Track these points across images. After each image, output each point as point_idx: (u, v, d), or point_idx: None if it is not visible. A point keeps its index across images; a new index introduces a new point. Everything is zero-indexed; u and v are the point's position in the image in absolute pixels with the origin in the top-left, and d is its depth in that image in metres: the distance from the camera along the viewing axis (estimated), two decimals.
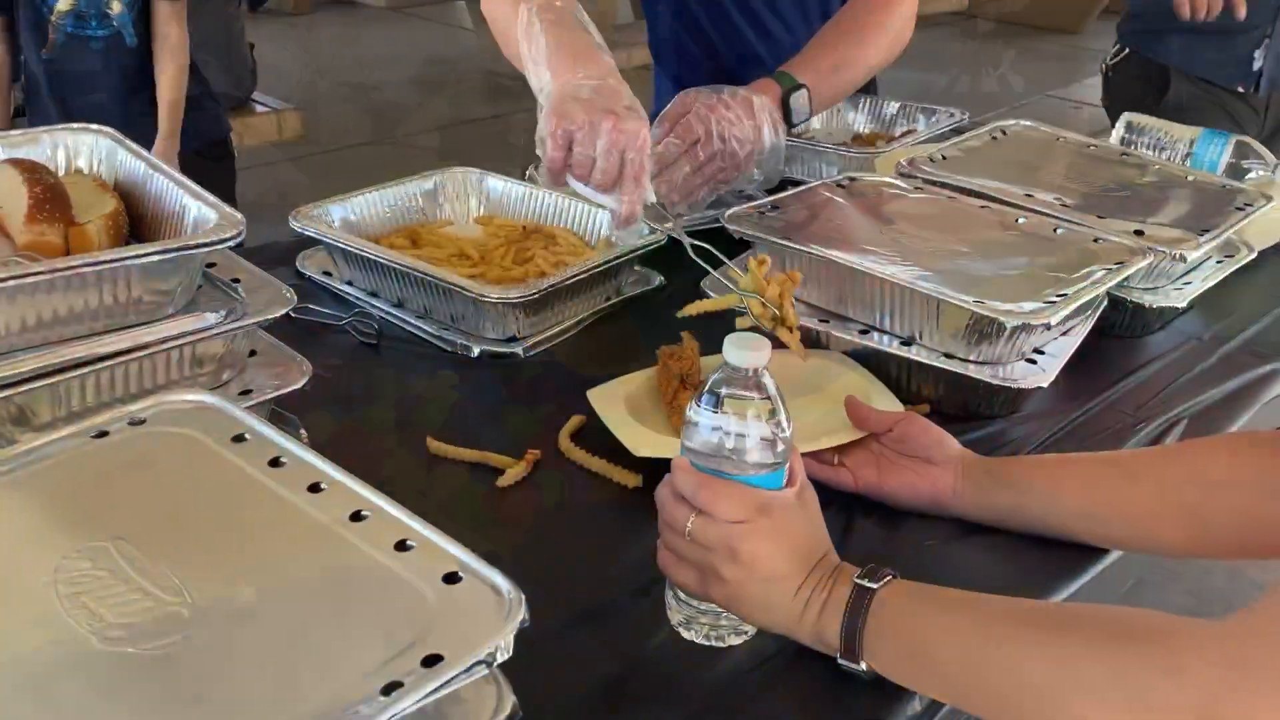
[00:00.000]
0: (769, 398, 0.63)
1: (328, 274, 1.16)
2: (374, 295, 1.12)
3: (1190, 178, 1.25)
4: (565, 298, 1.07)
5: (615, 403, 0.90)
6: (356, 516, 0.60)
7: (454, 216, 1.28)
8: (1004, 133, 1.33)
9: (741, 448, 0.64)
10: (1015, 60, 6.09)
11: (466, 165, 1.30)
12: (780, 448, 0.65)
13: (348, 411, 0.94)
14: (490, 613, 0.54)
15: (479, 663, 0.51)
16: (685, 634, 0.70)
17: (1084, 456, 0.84)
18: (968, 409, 0.96)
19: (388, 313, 1.08)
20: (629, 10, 5.25)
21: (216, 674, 0.50)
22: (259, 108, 3.36)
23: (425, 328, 1.05)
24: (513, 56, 1.10)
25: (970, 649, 0.59)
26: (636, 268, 1.17)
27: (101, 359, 0.74)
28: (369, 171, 0.86)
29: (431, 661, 0.50)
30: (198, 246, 0.76)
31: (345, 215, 1.18)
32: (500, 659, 0.52)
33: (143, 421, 0.67)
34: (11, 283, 0.70)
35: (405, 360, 1.03)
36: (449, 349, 1.04)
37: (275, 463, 0.64)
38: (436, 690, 0.49)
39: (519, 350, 1.03)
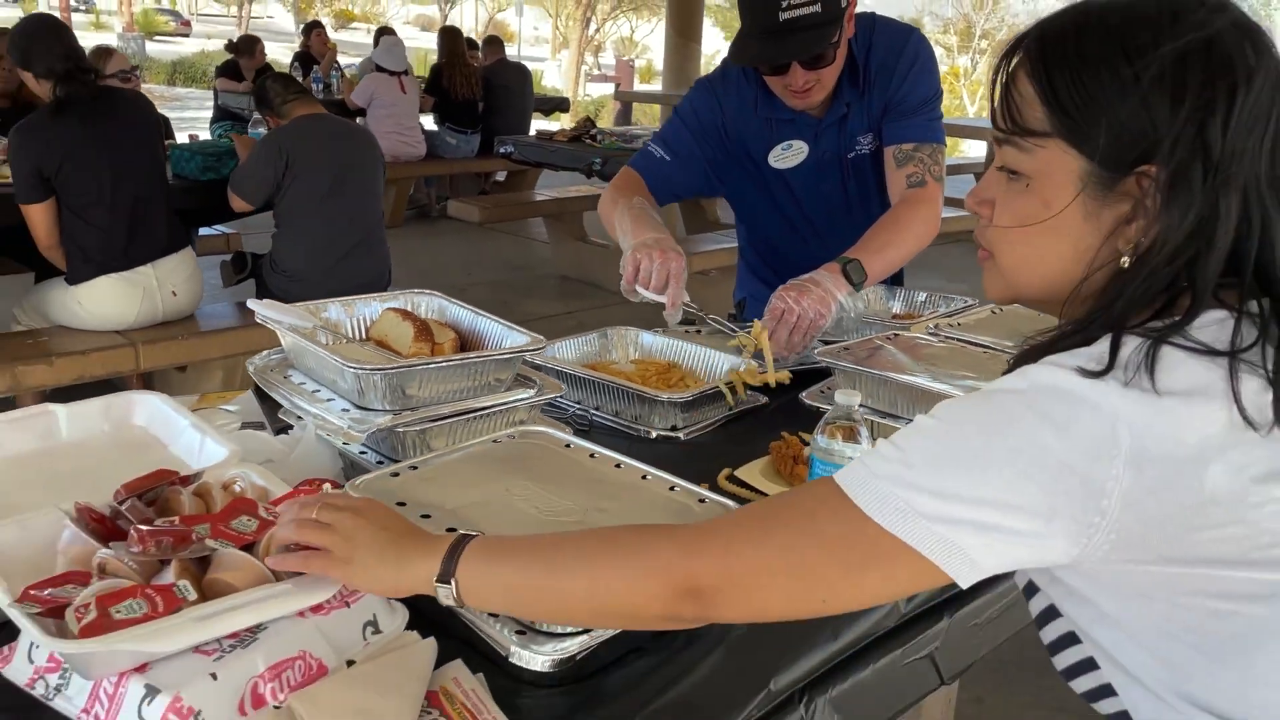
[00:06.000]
0: (855, 426, 1.18)
1: None
2: (578, 403, 1.68)
3: None
4: (703, 404, 1.62)
5: (754, 475, 1.43)
6: (644, 477, 1.15)
7: (617, 358, 1.86)
8: (1000, 309, 1.91)
9: (843, 453, 1.18)
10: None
11: None
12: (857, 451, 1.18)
13: None
14: (692, 516, 1.07)
15: None
16: None
17: None
18: None
19: (592, 412, 1.64)
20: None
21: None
22: None
23: (620, 421, 1.61)
24: (611, 231, 1.88)
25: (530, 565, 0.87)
26: (749, 392, 1.73)
27: (474, 411, 1.31)
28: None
29: None
30: (526, 350, 1.34)
31: (552, 354, 1.76)
32: None
33: (512, 437, 1.23)
34: (438, 365, 1.27)
35: (607, 441, 1.57)
36: (634, 434, 1.59)
37: (591, 455, 1.20)
38: None
39: (680, 435, 1.58)
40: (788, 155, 1.98)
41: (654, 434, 1.58)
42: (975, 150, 11.82)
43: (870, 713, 1.10)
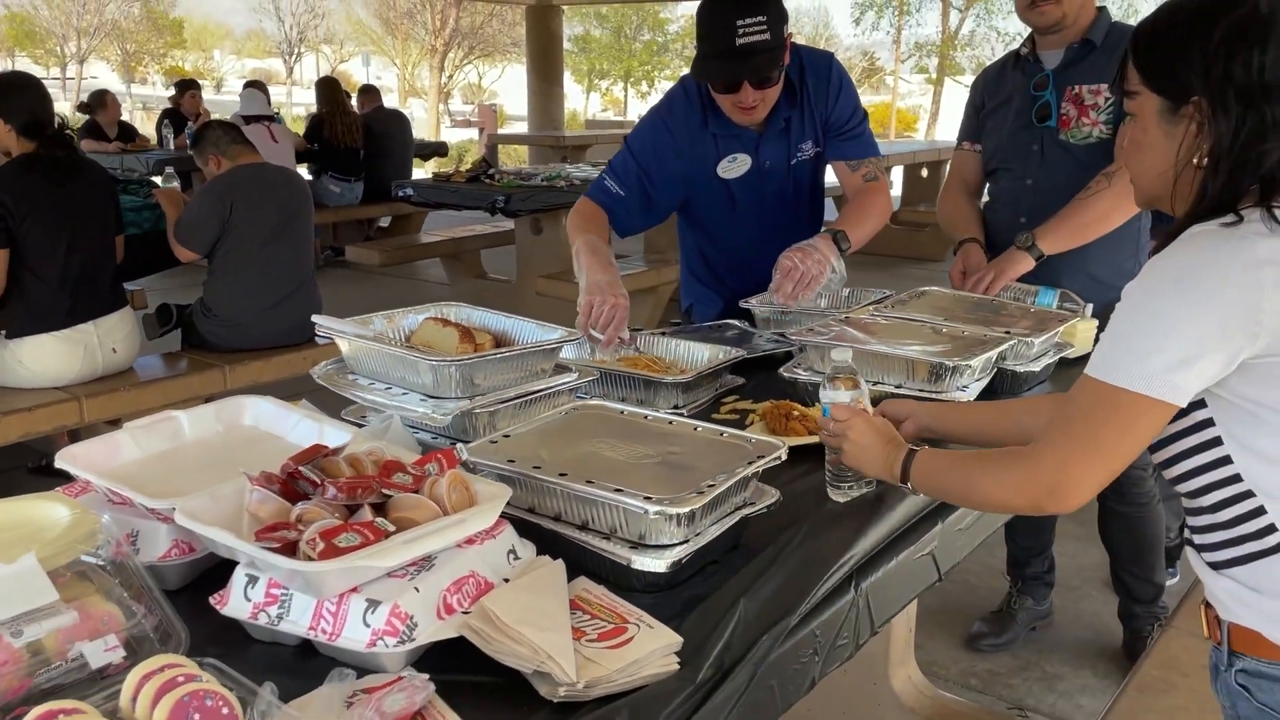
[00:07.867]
0: (854, 375, 1.45)
1: None
2: (584, 393, 1.91)
3: (1033, 309, 2.16)
4: (696, 386, 1.88)
5: (759, 432, 1.69)
6: (695, 429, 1.39)
7: (605, 357, 2.09)
8: (923, 293, 2.24)
9: (847, 399, 1.45)
10: (890, 283, 7.37)
11: None
12: (859, 395, 1.45)
13: None
14: (747, 451, 1.32)
15: (776, 455, 1.30)
16: (837, 497, 1.47)
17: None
18: None
19: (598, 397, 1.87)
20: None
21: (678, 468, 1.27)
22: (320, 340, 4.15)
23: (626, 405, 1.84)
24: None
25: (945, 467, 1.32)
26: (729, 375, 1.99)
27: (531, 394, 1.53)
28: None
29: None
30: (567, 340, 1.57)
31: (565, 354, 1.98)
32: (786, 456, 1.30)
33: (576, 409, 1.46)
34: (500, 356, 1.49)
35: None
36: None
37: (646, 418, 1.43)
38: (770, 460, 1.28)
39: (684, 413, 1.82)
40: (733, 167, 2.29)
41: (661, 411, 1.82)
42: None
43: (893, 599, 1.37)
